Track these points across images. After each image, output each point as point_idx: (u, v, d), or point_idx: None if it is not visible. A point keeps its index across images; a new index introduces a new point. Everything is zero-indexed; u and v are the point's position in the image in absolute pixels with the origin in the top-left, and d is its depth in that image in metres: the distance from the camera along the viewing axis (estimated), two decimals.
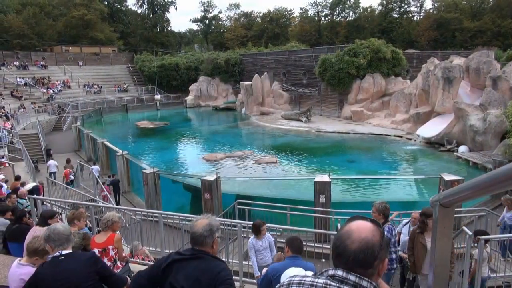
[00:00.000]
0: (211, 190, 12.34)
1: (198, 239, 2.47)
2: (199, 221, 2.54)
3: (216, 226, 2.53)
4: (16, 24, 54.60)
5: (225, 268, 2.46)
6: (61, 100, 38.26)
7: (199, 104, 47.93)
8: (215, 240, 2.50)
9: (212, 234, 2.48)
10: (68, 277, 2.88)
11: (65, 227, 3.31)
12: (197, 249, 2.48)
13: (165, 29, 73.73)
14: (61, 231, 3.12)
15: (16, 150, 20.59)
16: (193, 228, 2.54)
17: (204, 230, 2.47)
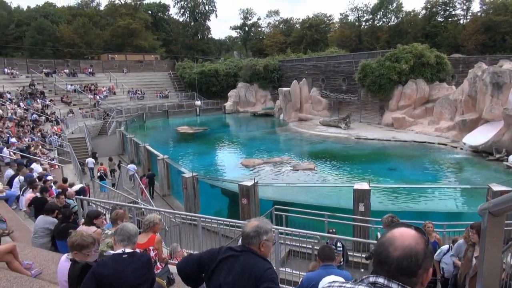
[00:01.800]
0: (248, 196, 12.39)
1: (245, 238, 2.61)
2: (251, 222, 2.69)
3: (265, 229, 2.61)
4: (67, 34, 57.77)
5: (271, 268, 2.54)
6: (106, 106, 39.91)
7: (238, 110, 48.40)
8: (262, 242, 2.57)
9: (259, 235, 2.57)
10: (127, 276, 3.03)
11: (134, 227, 3.44)
12: (246, 246, 2.59)
13: (205, 36, 75.31)
14: (128, 229, 3.30)
15: (65, 153, 21.65)
16: (244, 227, 2.70)
17: (251, 230, 2.59)
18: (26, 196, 9.18)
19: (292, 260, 9.17)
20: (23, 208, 9.37)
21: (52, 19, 60.43)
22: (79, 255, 3.56)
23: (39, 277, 4.66)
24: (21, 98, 32.71)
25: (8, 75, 38.35)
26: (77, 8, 70.63)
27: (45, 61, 46.61)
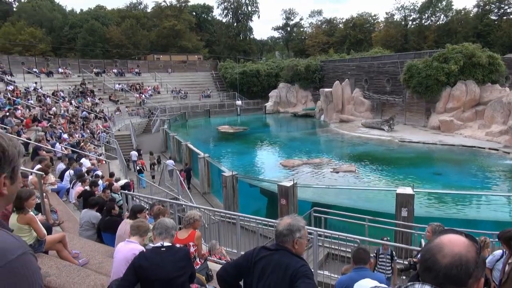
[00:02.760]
0: (287, 196, 12.35)
1: (278, 236, 2.61)
2: (283, 220, 2.67)
3: (297, 227, 2.60)
4: (116, 35, 60.26)
5: (306, 265, 2.53)
6: (151, 105, 41.24)
7: (278, 111, 48.37)
8: (295, 240, 2.56)
9: (291, 233, 2.57)
10: (165, 267, 3.14)
11: (171, 222, 3.61)
12: (280, 244, 2.60)
13: (247, 37, 75.87)
14: (165, 224, 3.46)
15: (111, 149, 22.58)
16: (277, 226, 2.70)
17: (284, 228, 2.59)
18: (75, 189, 9.67)
19: (330, 263, 9.03)
20: (72, 200, 9.87)
21: (103, 21, 63.24)
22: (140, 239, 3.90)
23: (86, 266, 4.89)
24: (73, 97, 34.52)
25: (62, 75, 40.57)
26: (125, 10, 73.44)
27: (95, 61, 48.87)
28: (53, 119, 21.34)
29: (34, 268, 1.10)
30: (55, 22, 62.73)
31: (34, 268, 1.10)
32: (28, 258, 1.09)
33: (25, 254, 1.08)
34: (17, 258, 1.04)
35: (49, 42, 58.15)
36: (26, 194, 4.64)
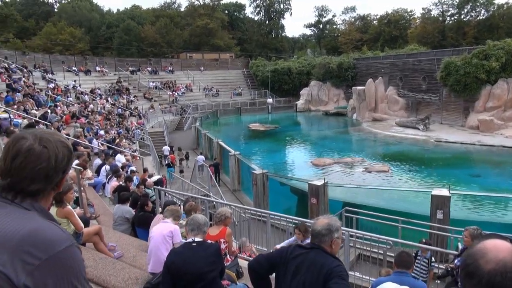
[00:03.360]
0: (318, 195, 12.24)
1: (316, 236, 2.60)
2: (320, 220, 2.68)
3: (336, 227, 2.62)
4: (150, 34, 61.64)
5: (341, 265, 2.52)
6: (183, 102, 41.95)
7: (309, 109, 47.97)
8: (333, 240, 2.58)
9: (330, 233, 2.58)
10: (197, 262, 3.21)
11: (204, 218, 3.67)
12: (316, 244, 2.60)
13: (279, 34, 75.65)
14: (198, 219, 3.54)
15: (145, 145, 23.15)
16: (313, 225, 2.70)
17: (322, 228, 2.59)
18: (111, 184, 9.99)
19: (361, 265, 8.88)
20: (108, 194, 10.20)
21: (138, 21, 64.84)
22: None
23: (121, 259, 5.03)
24: (109, 94, 35.63)
25: (99, 73, 41.95)
26: (160, 9, 74.92)
27: (131, 60, 50.20)
28: (91, 116, 22.10)
29: (79, 260, 1.16)
30: (93, 22, 64.92)
31: (79, 260, 1.16)
32: (74, 250, 1.14)
33: (71, 246, 1.13)
34: (64, 249, 1.10)
35: (88, 41, 60.25)
36: (65, 188, 4.83)
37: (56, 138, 1.24)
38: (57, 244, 1.09)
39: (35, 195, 1.19)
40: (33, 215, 1.14)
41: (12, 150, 1.17)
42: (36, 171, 1.17)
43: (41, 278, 1.04)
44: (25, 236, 1.06)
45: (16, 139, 1.20)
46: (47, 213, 1.21)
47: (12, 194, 1.16)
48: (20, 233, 1.06)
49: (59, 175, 1.23)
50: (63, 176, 1.26)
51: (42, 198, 1.22)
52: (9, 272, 1.02)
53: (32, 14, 65.81)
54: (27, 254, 1.04)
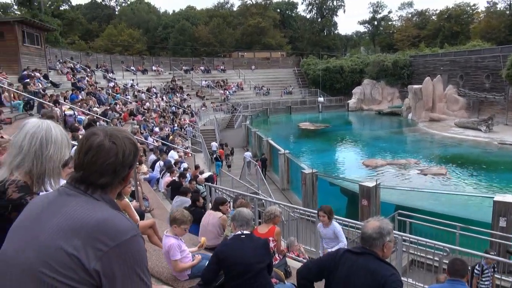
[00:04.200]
0: (369, 197, 11.91)
1: (367, 240, 2.50)
2: (370, 222, 2.57)
3: (387, 230, 2.51)
4: (204, 34, 63.18)
5: (396, 274, 2.43)
6: (234, 101, 42.52)
7: (362, 108, 46.77)
8: (385, 243, 2.48)
9: (382, 237, 2.47)
10: (245, 254, 3.32)
11: (249, 212, 3.81)
12: (367, 248, 2.51)
13: (332, 32, 74.40)
14: (244, 214, 3.65)
15: (197, 143, 23.76)
16: (363, 228, 2.59)
17: (373, 232, 2.48)
18: (164, 179, 10.37)
19: (414, 271, 8.52)
20: (161, 189, 10.60)
21: (192, 21, 66.70)
22: (178, 230, 3.88)
23: None
24: (164, 93, 36.98)
25: (155, 72, 43.66)
26: (213, 10, 76.51)
27: (185, 60, 51.73)
28: (147, 114, 23.07)
29: (143, 249, 1.23)
30: (151, 23, 67.70)
31: (143, 249, 1.23)
32: (139, 239, 1.21)
33: (137, 236, 1.20)
34: (130, 238, 1.17)
35: (145, 42, 62.95)
36: None
37: (124, 135, 1.31)
38: (124, 233, 1.17)
39: (104, 187, 1.26)
40: (103, 206, 1.23)
41: (85, 145, 1.25)
42: (105, 166, 1.24)
43: (108, 264, 1.12)
44: (96, 224, 1.15)
45: (89, 135, 1.28)
46: (115, 204, 1.29)
47: (84, 186, 1.25)
48: (92, 221, 1.15)
49: (125, 170, 1.30)
50: (129, 171, 1.33)
51: (110, 190, 1.30)
52: (81, 256, 1.10)
53: (96, 17, 69.94)
54: (98, 241, 1.13)
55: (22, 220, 1.28)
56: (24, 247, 1.18)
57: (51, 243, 1.13)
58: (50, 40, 37.83)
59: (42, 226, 1.19)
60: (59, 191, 1.29)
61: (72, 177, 1.28)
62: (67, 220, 1.16)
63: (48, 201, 1.27)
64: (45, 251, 1.13)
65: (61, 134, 1.68)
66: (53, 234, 1.15)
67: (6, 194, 1.54)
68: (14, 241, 1.23)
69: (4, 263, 1.21)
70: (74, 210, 1.18)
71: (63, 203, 1.22)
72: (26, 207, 1.34)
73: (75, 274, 1.10)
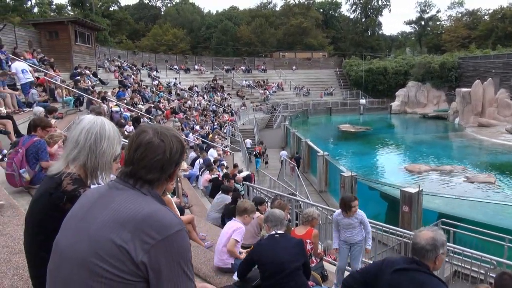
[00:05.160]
0: (410, 203, 11.54)
1: (419, 252, 2.38)
2: (423, 232, 2.44)
3: (441, 242, 2.38)
4: (246, 34, 63.67)
5: None
6: (274, 101, 42.55)
7: (405, 111, 45.33)
8: (438, 256, 2.36)
9: (435, 249, 2.35)
10: (280, 252, 3.37)
11: (281, 212, 3.91)
12: (417, 259, 2.39)
13: (376, 32, 72.67)
14: (277, 215, 3.75)
15: (236, 142, 24.03)
16: (415, 238, 2.45)
17: (426, 243, 2.35)
18: (204, 177, 10.56)
19: (457, 282, 8.16)
20: (201, 186, 10.81)
21: (235, 21, 67.44)
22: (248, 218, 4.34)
23: (211, 249, 5.30)
24: (205, 91, 37.62)
25: (197, 71, 44.50)
26: (256, 10, 76.93)
27: (226, 59, 52.36)
28: (188, 112, 23.59)
29: (187, 244, 1.28)
30: (194, 23, 69.13)
31: (187, 244, 1.28)
32: (184, 234, 1.26)
33: (182, 231, 1.24)
34: (176, 232, 1.22)
35: (188, 41, 64.35)
36: None
37: (171, 133, 1.36)
38: (170, 227, 1.21)
39: (151, 183, 1.31)
40: (150, 200, 1.28)
41: (135, 142, 1.31)
42: (153, 162, 1.29)
43: (155, 256, 1.17)
44: (144, 218, 1.20)
45: (139, 133, 1.34)
46: (161, 199, 1.34)
47: (133, 180, 1.30)
48: (139, 215, 1.20)
49: (172, 167, 1.35)
50: (175, 168, 1.38)
51: (157, 186, 1.35)
52: (130, 248, 1.16)
53: (142, 17, 72.34)
54: (145, 234, 1.17)
55: (75, 212, 1.35)
56: (76, 238, 1.24)
57: (102, 235, 1.19)
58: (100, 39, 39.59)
59: (93, 218, 1.24)
60: (109, 185, 1.35)
61: (121, 171, 1.34)
62: (117, 213, 1.21)
63: (99, 194, 1.33)
64: (96, 242, 1.18)
65: (114, 130, 1.77)
66: (104, 226, 1.20)
67: (61, 186, 1.64)
68: (67, 232, 1.30)
69: (59, 253, 1.28)
70: (123, 204, 1.23)
71: (113, 196, 1.28)
72: (78, 200, 1.41)
73: (124, 265, 1.15)
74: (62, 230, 1.34)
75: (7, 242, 2.61)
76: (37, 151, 4.60)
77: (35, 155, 4.61)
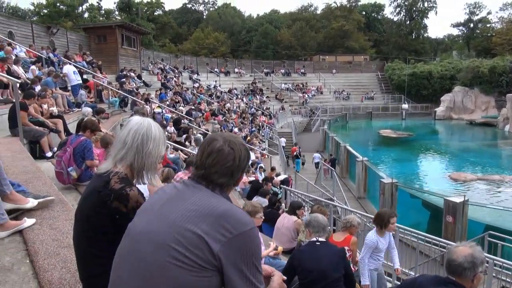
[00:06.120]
0: (455, 214, 11.04)
1: (456, 269, 2.22)
2: (460, 248, 2.27)
3: (481, 259, 2.21)
4: (286, 37, 63.65)
5: None
6: (313, 105, 42.18)
7: (451, 117, 43.52)
8: (477, 274, 2.19)
9: (474, 267, 2.18)
10: (320, 261, 3.32)
11: (325, 219, 3.82)
12: (452, 279, 2.24)
13: (420, 35, 70.34)
14: (320, 221, 3.65)
15: (273, 144, 24.05)
16: (451, 254, 2.28)
17: (465, 260, 2.19)
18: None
19: None
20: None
21: (275, 25, 67.58)
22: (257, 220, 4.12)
23: None
24: (244, 94, 37.96)
25: (237, 74, 45.01)
26: (297, 13, 76.72)
27: (266, 62, 52.57)
28: (227, 114, 23.90)
29: (259, 241, 1.36)
30: (235, 27, 69.98)
31: (259, 241, 1.36)
32: (257, 232, 1.34)
33: (255, 229, 1.33)
34: (250, 229, 1.30)
35: (229, 45, 65.20)
36: None
37: (239, 141, 1.47)
38: (245, 224, 1.30)
39: (222, 186, 1.43)
40: (224, 200, 1.39)
41: (207, 149, 1.43)
42: (224, 168, 1.40)
43: (230, 250, 1.25)
44: (222, 213, 1.29)
45: (210, 140, 1.46)
46: (231, 201, 1.43)
47: (205, 183, 1.41)
48: (218, 210, 1.30)
49: (239, 173, 1.46)
50: (241, 174, 1.49)
51: (226, 190, 1.46)
52: (208, 239, 1.24)
53: (185, 21, 74.15)
54: (223, 228, 1.26)
55: (152, 202, 1.46)
56: (156, 224, 1.33)
57: (181, 224, 1.28)
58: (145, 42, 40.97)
59: (172, 209, 1.34)
60: (185, 183, 1.45)
61: (194, 174, 1.45)
62: (196, 206, 1.31)
63: (176, 190, 1.43)
64: (176, 229, 1.27)
65: (159, 132, 1.84)
66: (183, 216, 1.29)
67: (109, 184, 1.71)
68: (144, 218, 1.40)
69: (133, 235, 1.38)
70: (202, 199, 1.34)
71: (191, 192, 1.38)
72: (155, 192, 1.53)
73: (202, 254, 1.23)
74: (138, 216, 1.45)
75: (56, 235, 2.74)
76: (84, 150, 4.86)
77: (82, 154, 4.86)
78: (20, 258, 2.50)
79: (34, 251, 2.51)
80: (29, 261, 2.46)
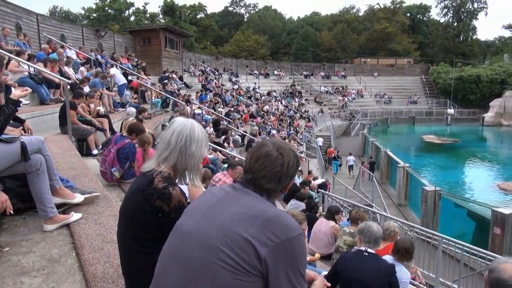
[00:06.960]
0: (503, 225, 10.47)
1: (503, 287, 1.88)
2: (507, 265, 1.92)
3: None
4: (327, 40, 62.97)
5: None
6: (353, 108, 41.40)
7: (501, 123, 41.26)
8: None
9: None
10: (364, 273, 3.20)
11: (379, 229, 3.56)
12: None
13: (469, 37, 67.19)
14: (373, 230, 3.47)
15: (311, 148, 23.82)
16: (499, 271, 1.92)
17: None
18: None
19: None
20: None
21: (316, 27, 67.05)
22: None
23: None
24: (283, 97, 37.90)
25: (276, 76, 45.03)
26: (338, 15, 75.71)
27: (306, 65, 52.19)
28: (266, 116, 23.94)
29: (304, 248, 1.35)
30: (276, 29, 70.12)
31: (304, 248, 1.35)
32: (303, 238, 1.34)
33: (302, 235, 1.32)
34: (297, 236, 1.30)
35: (269, 47, 65.43)
36: None
37: (288, 147, 1.47)
38: (293, 230, 1.29)
39: (269, 192, 1.43)
40: (271, 205, 1.39)
41: (256, 153, 1.44)
42: (272, 173, 1.40)
43: (277, 255, 1.24)
44: (270, 217, 1.29)
45: (260, 145, 1.47)
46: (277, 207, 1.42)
47: (253, 187, 1.42)
48: (266, 215, 1.30)
49: (288, 179, 1.45)
50: (290, 181, 1.48)
51: (274, 195, 1.46)
52: (256, 244, 1.24)
53: (226, 24, 75.19)
54: (270, 232, 1.26)
55: (200, 204, 1.46)
56: (205, 224, 1.34)
57: (230, 227, 1.28)
58: (187, 45, 41.92)
59: (221, 210, 1.35)
60: (234, 186, 1.46)
61: (242, 178, 1.46)
62: (244, 209, 1.32)
63: (225, 192, 1.44)
64: (224, 232, 1.28)
65: (202, 133, 1.87)
66: (231, 219, 1.30)
67: (153, 183, 1.75)
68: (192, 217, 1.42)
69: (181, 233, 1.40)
70: (251, 203, 1.34)
71: (240, 195, 1.39)
72: (203, 193, 1.56)
73: (248, 257, 1.23)
74: (185, 216, 1.46)
75: (100, 231, 2.85)
76: (128, 153, 5.17)
77: (125, 156, 5.17)
78: (67, 251, 2.61)
79: (80, 245, 2.62)
80: (75, 254, 2.56)
